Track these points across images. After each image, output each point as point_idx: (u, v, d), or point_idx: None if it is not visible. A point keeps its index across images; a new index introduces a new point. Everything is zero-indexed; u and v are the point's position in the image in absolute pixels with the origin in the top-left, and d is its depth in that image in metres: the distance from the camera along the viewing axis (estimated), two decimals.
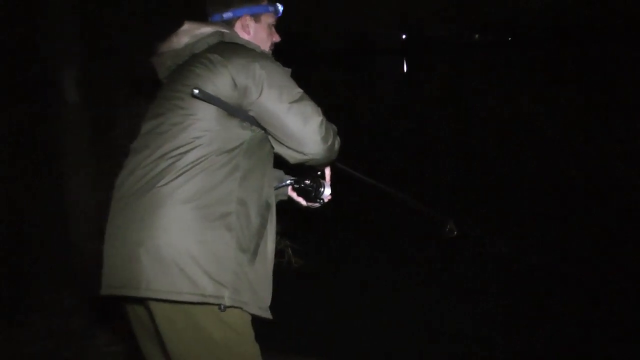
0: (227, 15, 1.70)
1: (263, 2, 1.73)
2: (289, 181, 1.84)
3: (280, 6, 1.77)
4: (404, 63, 39.10)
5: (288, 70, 1.59)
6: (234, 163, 1.48)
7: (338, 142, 1.63)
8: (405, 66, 37.86)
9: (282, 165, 1.72)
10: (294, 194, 1.88)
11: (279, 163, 1.68)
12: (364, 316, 3.39)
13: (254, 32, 1.72)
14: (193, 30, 1.60)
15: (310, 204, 1.86)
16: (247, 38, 1.69)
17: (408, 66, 39.28)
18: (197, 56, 1.54)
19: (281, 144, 1.56)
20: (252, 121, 1.52)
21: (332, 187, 1.83)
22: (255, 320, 1.53)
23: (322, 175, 1.84)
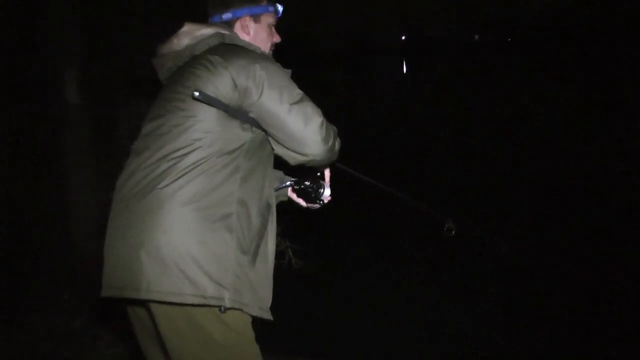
0: (227, 16, 1.69)
1: (263, 3, 1.73)
2: (289, 182, 1.84)
3: (280, 6, 1.76)
4: (404, 64, 39.06)
5: (288, 71, 1.59)
6: (234, 164, 1.48)
7: (338, 143, 1.63)
8: (405, 67, 37.80)
9: (282, 166, 1.72)
10: (293, 195, 1.88)
11: (279, 164, 1.68)
12: (364, 317, 3.40)
13: (254, 33, 1.71)
14: (193, 32, 1.60)
15: (310, 205, 1.86)
16: (247, 39, 1.69)
17: (408, 66, 39.27)
18: (198, 57, 1.54)
19: (281, 145, 1.55)
20: (253, 123, 1.52)
21: (332, 188, 1.83)
22: (255, 321, 1.52)
23: (322, 176, 1.84)
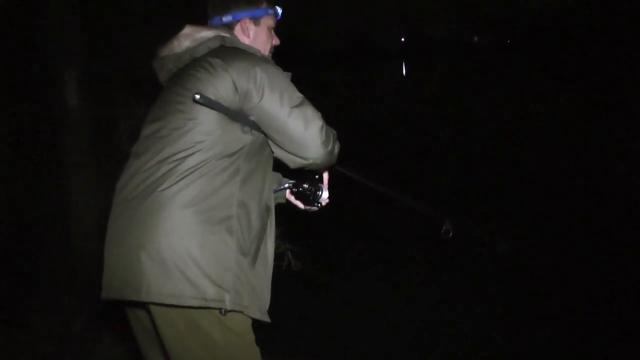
0: (227, 18, 1.69)
1: (263, 5, 1.72)
2: (287, 184, 1.85)
3: (279, 9, 1.76)
4: (403, 66, 39.03)
5: (288, 74, 1.59)
6: (234, 167, 1.48)
7: (338, 147, 1.63)
8: (404, 69, 37.77)
9: (281, 169, 1.72)
10: (292, 197, 1.89)
11: (277, 166, 1.68)
12: (363, 318, 3.39)
13: (253, 35, 1.71)
14: (194, 34, 1.60)
15: (309, 208, 1.87)
16: (247, 41, 1.69)
17: (408, 67, 39.24)
18: (198, 60, 1.54)
19: (281, 148, 1.56)
20: (253, 125, 1.52)
21: (331, 190, 1.84)
22: (255, 323, 1.53)
23: (320, 179, 1.85)
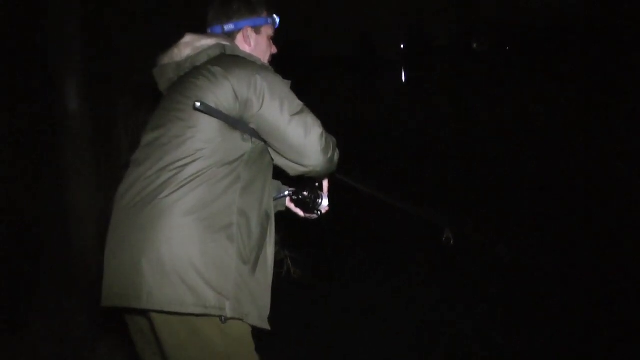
0: (229, 27, 1.71)
1: (263, 14, 1.74)
2: (287, 192, 1.86)
3: (277, 18, 1.78)
4: (403, 73, 38.94)
5: (288, 82, 1.60)
6: (235, 174, 1.49)
7: (337, 154, 1.64)
8: (404, 75, 37.66)
9: (280, 176, 1.73)
10: (292, 205, 1.90)
11: (277, 173, 1.69)
12: (363, 325, 3.37)
13: (254, 44, 1.73)
14: (194, 43, 1.61)
15: (308, 215, 1.88)
16: (248, 50, 1.71)
17: (408, 68, 39.25)
18: (199, 68, 1.55)
19: (281, 155, 1.56)
20: (253, 133, 1.53)
21: (330, 198, 1.85)
22: (255, 330, 1.53)
23: (320, 187, 1.86)
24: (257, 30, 1.73)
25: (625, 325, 3.17)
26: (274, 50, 1.81)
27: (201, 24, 1.78)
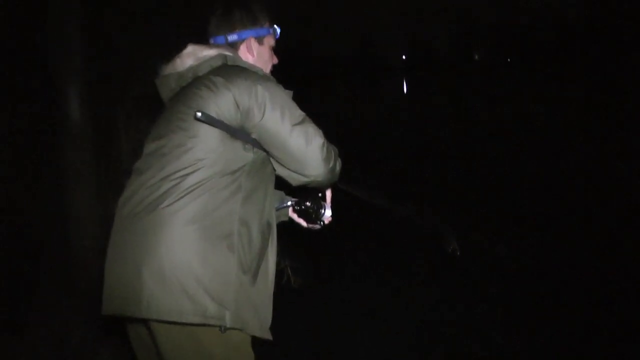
0: (232, 37, 1.71)
1: (266, 25, 1.75)
2: (289, 202, 1.85)
3: (278, 29, 1.79)
4: (404, 83, 38.92)
5: (290, 92, 1.61)
6: (236, 184, 1.49)
7: (339, 164, 1.64)
8: (405, 86, 37.62)
9: (283, 186, 1.73)
10: (294, 215, 1.90)
11: (281, 184, 1.69)
12: (363, 327, 3.35)
13: (257, 54, 1.74)
14: (197, 53, 1.62)
15: (311, 226, 1.88)
16: (251, 60, 1.71)
17: (408, 85, 39.31)
18: (201, 79, 1.55)
19: (283, 166, 1.57)
20: (255, 143, 1.53)
21: (333, 207, 1.85)
22: (255, 340, 1.53)
23: (323, 197, 1.86)
24: (260, 40, 1.74)
25: (625, 325, 3.17)
26: (275, 60, 1.81)
27: (201, 24, 1.78)
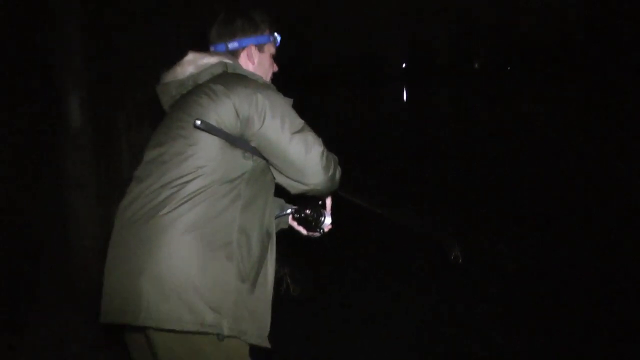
0: (233, 45, 1.71)
1: (266, 32, 1.74)
2: (289, 210, 1.85)
3: (278, 36, 1.79)
4: (404, 91, 38.86)
5: (290, 100, 1.60)
6: (236, 192, 1.49)
7: (339, 172, 1.64)
8: (405, 94, 37.51)
9: (283, 194, 1.72)
10: (294, 223, 1.90)
11: (280, 192, 1.68)
12: (363, 331, 3.33)
13: (258, 62, 1.74)
14: (197, 61, 1.61)
15: (311, 234, 1.87)
16: (252, 68, 1.71)
17: (408, 93, 39.29)
18: (201, 86, 1.55)
19: (282, 174, 1.56)
20: (254, 151, 1.52)
21: (333, 215, 1.84)
22: (253, 349, 1.53)
23: (323, 205, 1.85)
24: (261, 48, 1.74)
25: (625, 325, 3.17)
26: (276, 68, 1.81)
27: (201, 24, 1.77)
